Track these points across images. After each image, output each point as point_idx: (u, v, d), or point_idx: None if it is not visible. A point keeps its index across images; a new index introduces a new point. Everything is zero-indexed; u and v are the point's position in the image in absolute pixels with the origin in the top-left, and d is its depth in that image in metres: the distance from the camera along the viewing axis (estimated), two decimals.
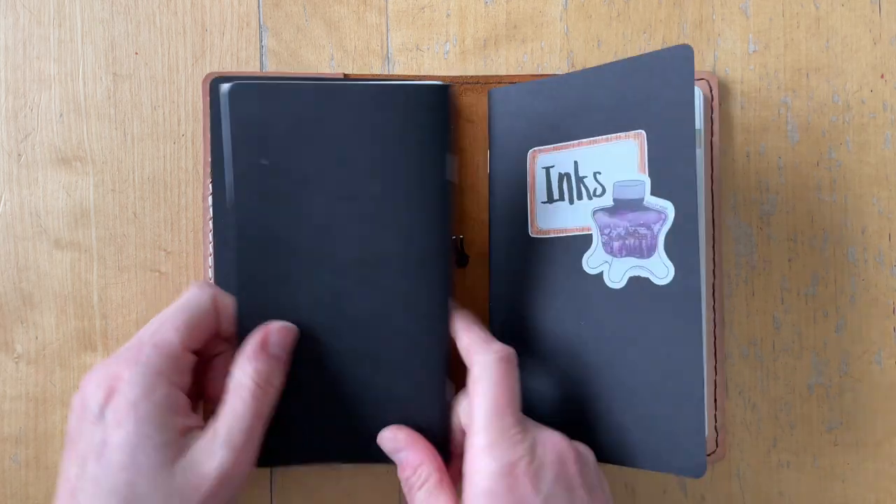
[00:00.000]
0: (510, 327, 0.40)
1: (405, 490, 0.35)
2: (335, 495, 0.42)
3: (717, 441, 0.42)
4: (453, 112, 0.38)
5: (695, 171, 0.35)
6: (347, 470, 0.42)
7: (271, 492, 0.42)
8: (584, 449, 0.34)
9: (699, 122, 0.41)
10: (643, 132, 0.36)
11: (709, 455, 0.41)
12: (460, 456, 0.34)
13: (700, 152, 0.41)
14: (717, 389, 0.42)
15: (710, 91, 0.42)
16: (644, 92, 0.36)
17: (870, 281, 0.43)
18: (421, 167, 0.36)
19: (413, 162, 0.36)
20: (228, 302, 0.36)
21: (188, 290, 0.36)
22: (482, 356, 0.34)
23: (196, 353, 0.35)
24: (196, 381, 0.36)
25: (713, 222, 0.42)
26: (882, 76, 0.43)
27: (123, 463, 0.31)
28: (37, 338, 0.42)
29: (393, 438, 0.35)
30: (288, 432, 0.37)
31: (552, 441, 0.33)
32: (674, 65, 0.35)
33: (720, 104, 0.43)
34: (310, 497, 0.42)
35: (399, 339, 0.36)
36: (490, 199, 0.41)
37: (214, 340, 0.37)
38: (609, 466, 0.42)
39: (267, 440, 0.35)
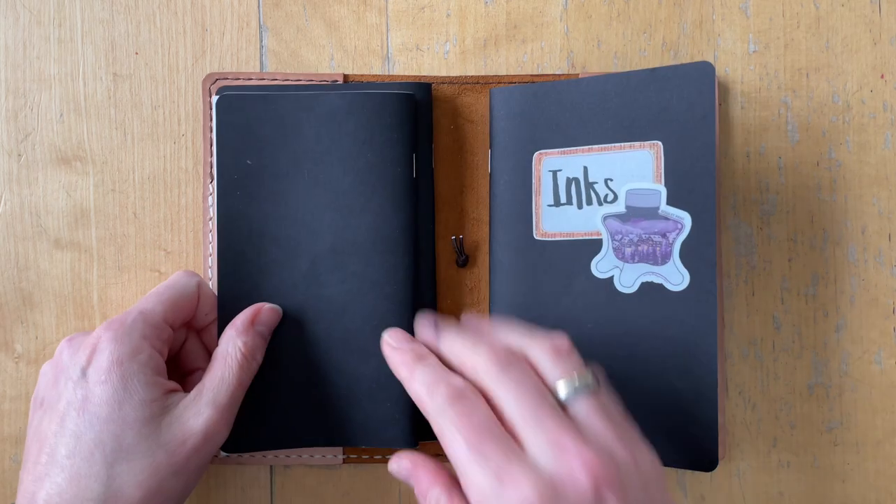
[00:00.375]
0: None
1: None
2: (335, 495, 0.42)
3: (717, 441, 0.42)
4: (425, 112, 0.41)
5: (714, 184, 0.37)
6: (347, 470, 0.42)
7: (271, 492, 0.42)
8: (626, 459, 0.27)
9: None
10: (660, 143, 0.37)
11: None
12: None
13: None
14: (718, 389, 0.42)
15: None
16: (661, 104, 0.37)
17: (870, 281, 0.43)
18: (386, 165, 0.39)
19: (379, 161, 0.39)
20: (209, 293, 0.39)
21: (175, 275, 0.38)
22: (428, 406, 0.30)
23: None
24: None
25: None
26: (882, 76, 0.43)
27: (110, 416, 0.33)
28: (37, 338, 0.42)
29: (398, 469, 0.33)
30: (259, 417, 0.39)
31: (568, 463, 0.26)
32: (695, 81, 0.37)
33: (720, 104, 0.43)
34: (310, 497, 0.42)
35: (367, 323, 0.39)
36: (490, 200, 0.41)
37: (182, 328, 0.39)
38: None
39: (237, 425, 0.37)
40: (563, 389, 0.29)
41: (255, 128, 0.39)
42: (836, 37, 0.43)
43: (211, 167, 0.42)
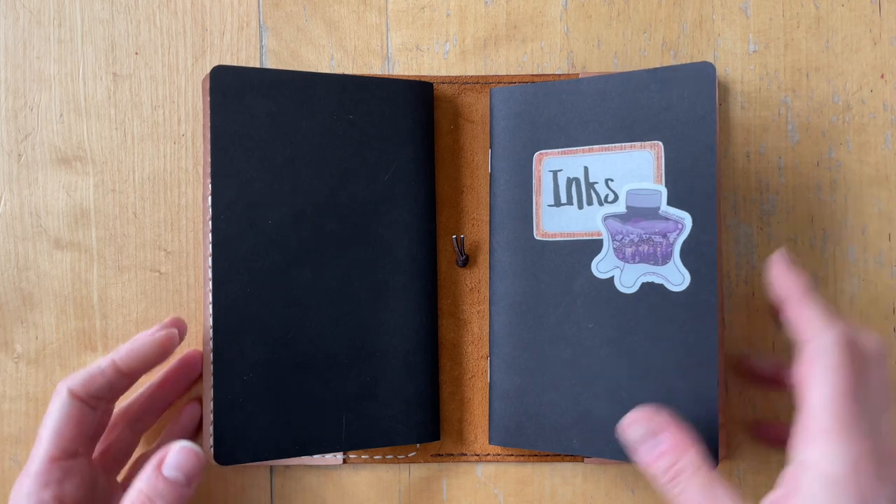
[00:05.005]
0: (511, 328, 0.40)
1: (665, 479, 0.31)
2: (335, 495, 0.42)
3: (717, 441, 0.42)
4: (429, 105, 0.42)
5: (714, 184, 0.37)
6: (347, 470, 0.42)
7: (271, 492, 0.42)
8: None
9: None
10: (660, 143, 0.38)
11: None
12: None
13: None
14: (718, 389, 0.42)
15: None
16: (662, 104, 0.37)
17: (870, 281, 0.43)
18: (387, 149, 0.39)
19: (380, 145, 0.39)
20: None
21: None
22: (821, 335, 0.30)
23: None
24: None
25: None
26: (882, 76, 0.43)
27: None
28: (37, 338, 0.42)
29: (649, 419, 0.31)
30: (266, 425, 0.38)
31: None
32: (696, 81, 0.37)
33: (720, 104, 0.43)
34: (310, 497, 0.42)
35: (381, 316, 0.39)
36: (491, 200, 0.41)
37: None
38: (610, 467, 0.42)
39: (243, 435, 0.37)
40: None
41: (250, 106, 0.38)
42: (836, 37, 0.43)
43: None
